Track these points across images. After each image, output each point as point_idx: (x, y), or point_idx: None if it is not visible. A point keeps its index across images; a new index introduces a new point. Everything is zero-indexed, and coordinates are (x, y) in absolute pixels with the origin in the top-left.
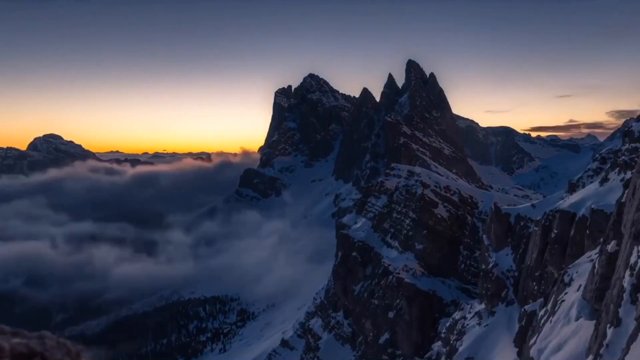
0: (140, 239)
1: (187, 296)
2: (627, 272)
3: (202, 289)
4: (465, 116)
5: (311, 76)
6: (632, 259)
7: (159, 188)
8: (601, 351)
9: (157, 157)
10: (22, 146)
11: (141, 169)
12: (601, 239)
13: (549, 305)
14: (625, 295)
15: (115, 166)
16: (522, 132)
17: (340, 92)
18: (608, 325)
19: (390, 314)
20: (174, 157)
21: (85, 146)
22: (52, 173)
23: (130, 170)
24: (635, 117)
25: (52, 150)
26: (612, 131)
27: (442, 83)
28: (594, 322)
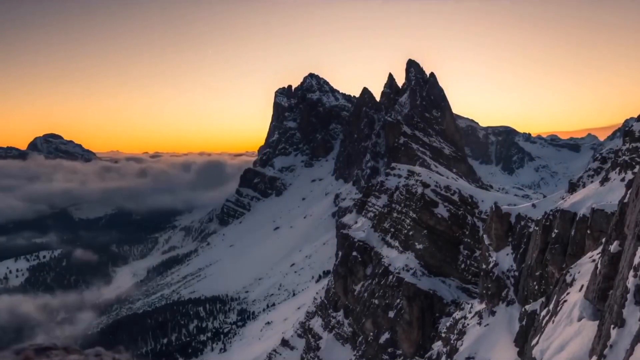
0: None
1: (187, 296)
2: (631, 273)
3: (202, 289)
4: (466, 116)
5: (311, 76)
6: (636, 260)
7: (161, 187)
8: (605, 352)
9: (157, 156)
10: (22, 146)
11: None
12: (603, 239)
13: (551, 306)
14: (629, 296)
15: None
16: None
17: (340, 91)
18: (612, 326)
19: (391, 314)
20: (174, 156)
21: (86, 146)
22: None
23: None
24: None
25: (52, 150)
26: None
27: (442, 83)
28: (596, 322)
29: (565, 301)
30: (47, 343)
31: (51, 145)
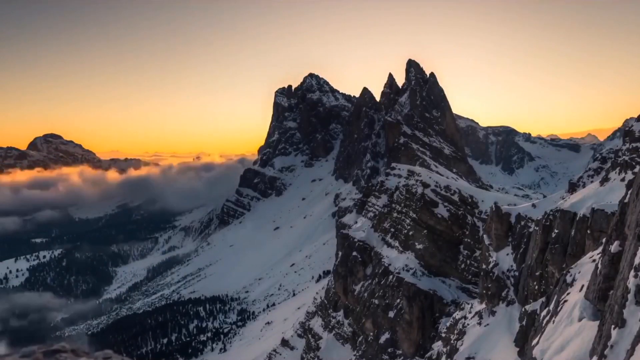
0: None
1: (187, 296)
2: (632, 273)
3: (202, 289)
4: (466, 116)
5: (311, 76)
6: (637, 260)
7: (160, 188)
8: (605, 352)
9: (157, 156)
10: (22, 146)
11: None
12: (603, 239)
13: (551, 306)
14: (630, 296)
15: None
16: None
17: (340, 91)
18: (612, 326)
19: (391, 314)
20: (174, 156)
21: (85, 146)
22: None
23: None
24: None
25: (52, 150)
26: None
27: (442, 83)
28: (597, 322)
29: (565, 301)
30: (56, 345)
31: (51, 145)
